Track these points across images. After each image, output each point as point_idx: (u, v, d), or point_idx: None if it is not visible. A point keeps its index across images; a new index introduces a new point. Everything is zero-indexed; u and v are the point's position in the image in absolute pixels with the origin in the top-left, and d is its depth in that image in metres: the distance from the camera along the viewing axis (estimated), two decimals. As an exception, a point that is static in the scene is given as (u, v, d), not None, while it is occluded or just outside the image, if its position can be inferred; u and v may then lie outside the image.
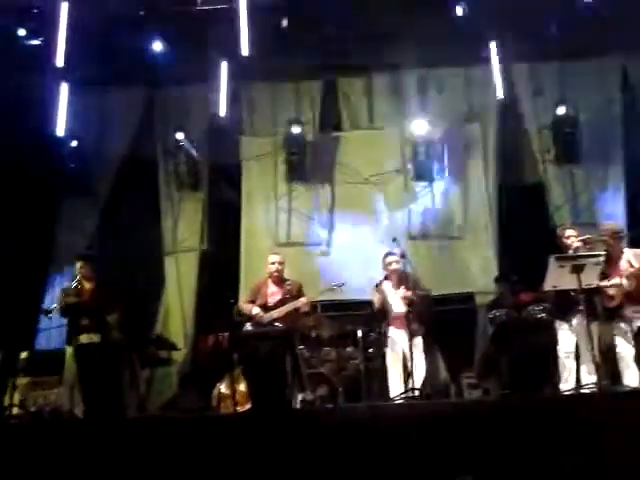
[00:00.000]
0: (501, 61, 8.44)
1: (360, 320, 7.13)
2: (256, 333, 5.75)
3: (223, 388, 6.32)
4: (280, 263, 6.39)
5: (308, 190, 8.56)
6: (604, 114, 8.47)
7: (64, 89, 7.58)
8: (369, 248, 8.20)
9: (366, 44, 8.28)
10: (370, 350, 6.85)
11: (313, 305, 7.63)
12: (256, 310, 6.16)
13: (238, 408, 6.08)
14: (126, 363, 5.62)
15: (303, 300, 6.20)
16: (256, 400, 5.03)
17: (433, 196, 8.52)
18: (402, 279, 6.20)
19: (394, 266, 6.27)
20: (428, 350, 6.60)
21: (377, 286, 6.37)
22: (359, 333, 6.80)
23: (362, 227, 8.50)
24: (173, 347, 7.36)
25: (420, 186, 8.52)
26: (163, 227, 8.44)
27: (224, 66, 7.86)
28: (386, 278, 6.36)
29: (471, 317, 7.95)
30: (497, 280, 7.78)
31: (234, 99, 8.76)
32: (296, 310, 6.20)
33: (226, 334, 6.79)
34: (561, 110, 8.25)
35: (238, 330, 6.10)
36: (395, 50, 8.17)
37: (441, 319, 7.32)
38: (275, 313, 6.12)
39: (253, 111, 8.77)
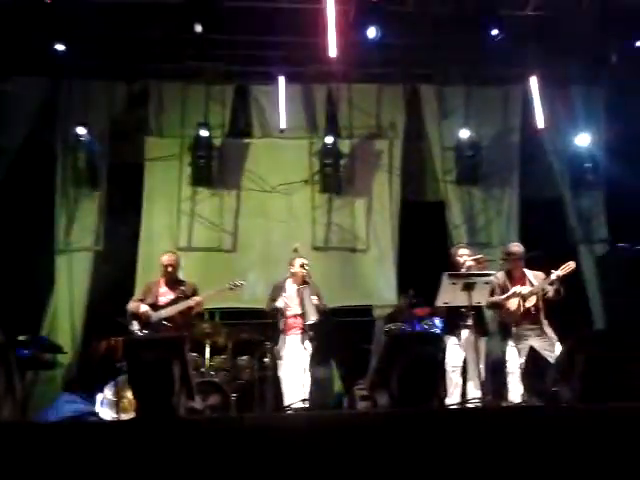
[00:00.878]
0: (410, 82, 8.74)
1: (258, 329, 7.07)
2: (145, 339, 5.57)
3: (109, 394, 6.10)
4: (172, 264, 6.23)
5: (213, 195, 8.41)
6: (504, 140, 8.86)
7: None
8: (273, 257, 8.18)
9: (279, 52, 8.32)
10: (266, 359, 6.80)
11: (211, 313, 7.55)
12: (144, 308, 5.98)
13: (123, 415, 5.89)
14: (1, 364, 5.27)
15: (196, 299, 6.08)
16: (141, 408, 4.83)
17: (338, 208, 8.58)
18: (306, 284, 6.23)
19: (297, 268, 6.25)
20: (324, 361, 6.65)
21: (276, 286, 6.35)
22: (255, 341, 6.73)
23: (267, 235, 8.44)
24: (59, 350, 7.02)
25: (326, 198, 8.56)
26: (56, 224, 8.04)
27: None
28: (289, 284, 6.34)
29: (369, 329, 8.05)
30: (397, 294, 7.96)
31: (142, 98, 8.58)
32: (189, 310, 6.07)
33: (120, 339, 6.55)
34: (464, 133, 8.56)
35: (129, 334, 5.90)
36: (307, 61, 8.27)
37: (339, 330, 7.42)
38: (164, 312, 5.98)
39: (161, 111, 8.54)
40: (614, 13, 7.72)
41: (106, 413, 6.05)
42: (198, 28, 7.54)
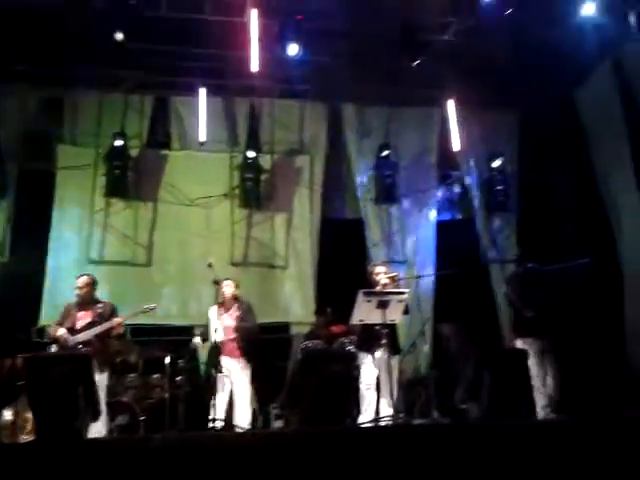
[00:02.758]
0: (332, 99, 8.81)
1: (171, 346, 6.90)
2: (47, 356, 5.31)
3: (9, 415, 5.78)
4: (84, 286, 6.00)
5: (128, 207, 8.17)
6: (422, 161, 9.07)
7: None
8: (190, 272, 8.02)
9: (201, 64, 8.22)
10: (179, 378, 6.63)
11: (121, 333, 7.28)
12: (61, 331, 5.75)
13: (24, 437, 5.59)
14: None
15: (116, 320, 5.87)
16: (42, 429, 4.60)
17: (258, 223, 8.51)
18: (232, 305, 6.17)
19: (226, 290, 6.18)
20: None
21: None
22: (167, 360, 6.54)
23: (184, 250, 8.25)
24: (-45, 368, 6.60)
25: (246, 212, 8.48)
26: (-41, 234, 7.60)
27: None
28: (219, 305, 6.23)
29: (286, 347, 7.99)
30: (316, 312, 7.95)
31: (57, 104, 8.27)
32: (107, 332, 5.85)
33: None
34: (384, 153, 8.71)
35: (33, 353, 5.62)
36: (229, 75, 8.22)
37: (256, 348, 7.32)
38: (81, 336, 5.75)
39: (76, 119, 8.25)
40: (528, 44, 8.09)
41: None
42: (119, 36, 7.38)
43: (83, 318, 5.92)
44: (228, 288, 6.24)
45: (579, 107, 8.65)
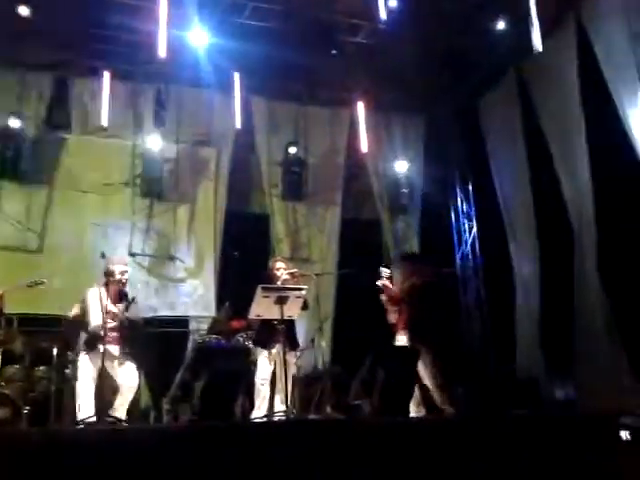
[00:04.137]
0: (242, 92, 8.69)
1: (60, 338, 6.57)
2: None
3: None
4: None
5: (20, 190, 7.73)
6: (330, 160, 9.13)
7: None
8: (84, 261, 7.68)
9: (107, 46, 7.94)
10: (67, 370, 6.33)
11: (8, 319, 6.89)
12: None
13: None
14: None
15: None
16: None
17: (159, 214, 8.29)
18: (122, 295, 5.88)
19: (117, 277, 5.85)
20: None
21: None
22: (54, 351, 6.23)
23: (79, 237, 7.90)
24: None
25: (147, 202, 8.22)
26: None
27: None
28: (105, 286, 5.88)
29: (183, 342, 7.82)
30: (216, 306, 7.83)
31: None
32: None
33: None
34: (292, 150, 8.71)
35: None
36: (135, 59, 7.97)
37: (151, 342, 7.12)
38: None
39: (-34, 94, 7.74)
40: (437, 50, 8.31)
41: None
42: (24, 10, 7.02)
43: None
44: (120, 275, 5.92)
45: (481, 116, 8.98)
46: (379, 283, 6.15)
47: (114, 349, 5.68)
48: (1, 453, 3.95)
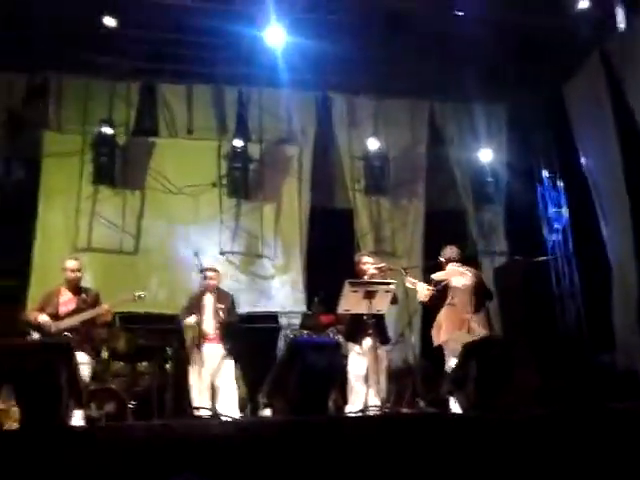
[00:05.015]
0: (322, 90, 8.77)
1: (159, 334, 6.87)
2: (28, 344, 5.27)
3: (-7, 404, 5.73)
4: (77, 270, 5.93)
5: (115, 194, 8.10)
6: (411, 152, 9.05)
7: None
8: (177, 260, 7.98)
9: (189, 52, 8.16)
10: (167, 366, 6.62)
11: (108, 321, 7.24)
12: (44, 318, 5.65)
13: (10, 425, 5.54)
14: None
15: (105, 307, 5.81)
16: (25, 417, 4.56)
17: (246, 213, 8.48)
18: (218, 295, 6.15)
19: (210, 281, 6.14)
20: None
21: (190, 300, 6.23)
22: (156, 347, 6.54)
23: (171, 238, 8.20)
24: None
25: (234, 202, 8.43)
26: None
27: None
28: (202, 293, 6.20)
29: (274, 337, 7.99)
30: (305, 302, 7.96)
31: (42, 91, 8.17)
32: (93, 319, 5.81)
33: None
34: (373, 144, 8.69)
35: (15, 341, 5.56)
36: (218, 63, 8.16)
37: (245, 337, 7.32)
38: (65, 323, 5.70)
39: (61, 105, 8.14)
40: (517, 35, 8.08)
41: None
42: (109, 21, 7.31)
43: (67, 304, 5.83)
44: (212, 280, 6.20)
45: (567, 102, 8.68)
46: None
47: (216, 347, 5.96)
48: (111, 446, 4.20)
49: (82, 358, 5.43)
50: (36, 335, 5.70)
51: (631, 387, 6.72)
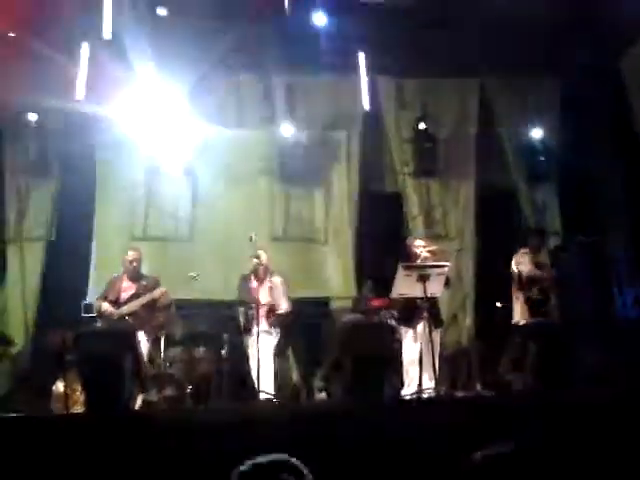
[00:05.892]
0: (368, 73, 8.70)
1: (215, 320, 7.02)
2: (95, 331, 5.48)
3: (60, 387, 5.99)
4: (136, 259, 6.21)
5: (168, 184, 8.26)
6: (461, 132, 8.91)
7: None
8: (231, 247, 8.10)
9: (238, 46, 8.23)
10: (223, 351, 6.76)
11: (167, 304, 7.42)
12: (105, 306, 5.97)
13: (75, 408, 5.79)
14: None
15: (161, 290, 6.05)
16: (90, 401, 4.76)
17: (297, 199, 8.54)
18: (266, 277, 6.33)
19: (255, 262, 6.33)
20: (282, 352, 6.67)
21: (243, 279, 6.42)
22: (213, 333, 6.69)
23: (224, 224, 8.31)
24: (9, 342, 6.86)
25: (284, 188, 8.50)
26: (7, 214, 7.82)
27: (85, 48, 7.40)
28: (252, 275, 6.33)
29: (326, 321, 8.05)
30: (356, 286, 7.99)
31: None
32: (153, 303, 6.02)
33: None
34: (421, 125, 8.60)
35: (79, 327, 5.81)
36: (264, 54, 8.21)
37: (297, 321, 7.42)
38: (126, 308, 5.94)
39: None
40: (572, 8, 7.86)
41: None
42: (162, 11, 7.45)
43: (127, 290, 6.11)
44: (261, 258, 6.32)
45: (624, 75, 8.39)
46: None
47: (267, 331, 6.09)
48: (171, 429, 4.34)
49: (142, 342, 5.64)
50: (100, 323, 5.96)
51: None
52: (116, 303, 6.01)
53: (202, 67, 8.45)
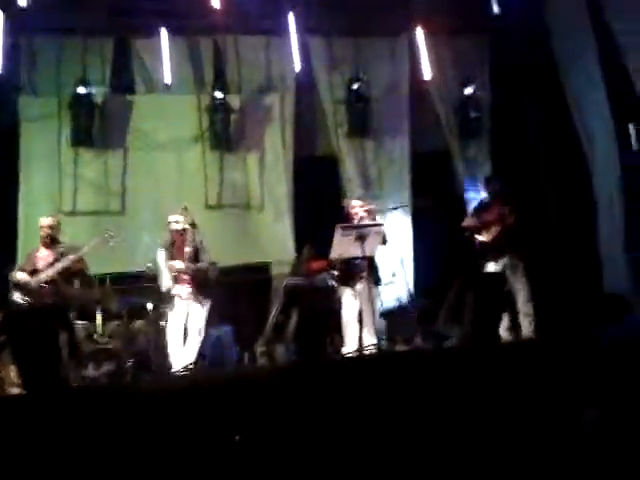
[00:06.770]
0: (298, 33, 8.55)
1: (151, 293, 6.87)
2: (25, 309, 5.29)
3: (-6, 369, 5.77)
4: (50, 227, 6.05)
5: (97, 156, 7.98)
6: (393, 91, 8.89)
7: None
8: (164, 217, 7.90)
9: (161, 4, 7.94)
10: (161, 323, 6.65)
11: (101, 279, 7.22)
12: (20, 275, 5.80)
13: (10, 390, 5.60)
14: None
15: (72, 257, 5.86)
16: (26, 380, 4.61)
17: (230, 165, 8.39)
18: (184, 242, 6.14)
19: (173, 227, 6.15)
20: (217, 322, 6.58)
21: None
22: (149, 306, 6.55)
23: (157, 195, 8.10)
24: None
25: (217, 155, 8.33)
26: None
27: (-1, 17, 7.01)
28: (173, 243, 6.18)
29: (266, 287, 8.02)
30: (295, 250, 7.96)
31: (12, 54, 7.93)
32: (69, 268, 5.84)
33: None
34: (354, 86, 8.55)
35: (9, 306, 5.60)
36: (190, 14, 7.95)
37: (235, 289, 7.36)
38: (43, 275, 5.76)
39: (34, 68, 7.92)
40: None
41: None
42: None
43: (45, 258, 5.95)
44: (175, 225, 6.17)
45: (549, 25, 8.52)
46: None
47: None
48: (112, 404, 4.25)
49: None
50: (17, 294, 5.75)
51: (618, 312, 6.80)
52: (34, 272, 5.83)
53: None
